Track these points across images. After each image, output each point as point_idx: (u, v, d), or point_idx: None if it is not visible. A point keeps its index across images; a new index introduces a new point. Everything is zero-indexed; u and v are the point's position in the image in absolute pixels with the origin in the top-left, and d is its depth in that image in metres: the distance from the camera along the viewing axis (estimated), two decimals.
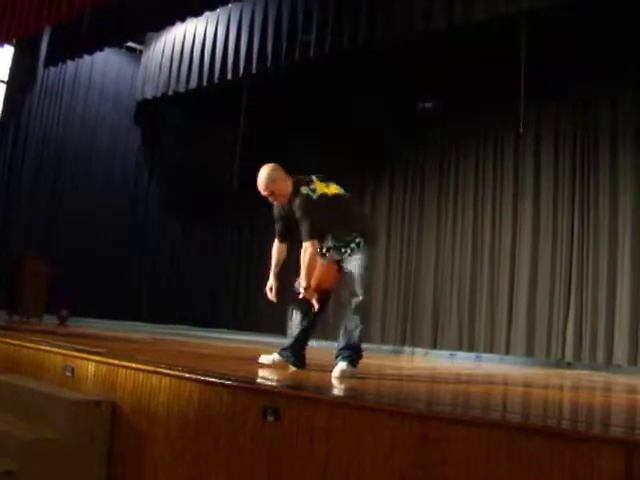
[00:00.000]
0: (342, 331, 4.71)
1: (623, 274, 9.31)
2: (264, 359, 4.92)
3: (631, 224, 9.34)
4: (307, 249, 4.70)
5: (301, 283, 4.74)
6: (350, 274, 4.76)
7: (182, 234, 14.74)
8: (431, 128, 11.73)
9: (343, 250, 4.82)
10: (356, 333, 4.63)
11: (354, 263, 4.75)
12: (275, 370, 4.64)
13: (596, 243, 9.66)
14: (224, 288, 14.45)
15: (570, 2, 8.11)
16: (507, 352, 10.24)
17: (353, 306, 4.66)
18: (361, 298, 4.66)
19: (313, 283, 4.68)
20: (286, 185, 4.75)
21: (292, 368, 4.79)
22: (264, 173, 4.71)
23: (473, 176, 11.23)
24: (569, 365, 9.53)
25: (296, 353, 4.87)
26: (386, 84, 11.37)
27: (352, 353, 4.61)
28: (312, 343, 10.66)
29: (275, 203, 4.88)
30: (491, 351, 10.41)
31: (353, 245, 4.78)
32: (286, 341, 5.03)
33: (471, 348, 10.67)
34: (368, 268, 4.79)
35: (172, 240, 14.61)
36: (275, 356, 4.88)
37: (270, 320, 13.42)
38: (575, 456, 2.44)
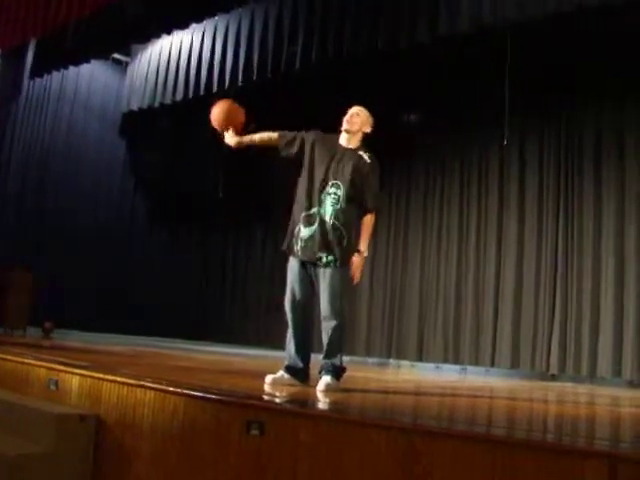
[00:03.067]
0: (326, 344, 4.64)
1: (607, 287, 9.35)
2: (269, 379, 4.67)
3: (614, 238, 9.38)
4: (374, 217, 4.68)
5: (362, 251, 4.60)
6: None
7: (168, 245, 14.72)
8: (415, 140, 11.75)
9: None
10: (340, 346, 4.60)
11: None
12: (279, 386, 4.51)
13: (580, 256, 9.69)
14: (210, 300, 14.39)
15: (554, 15, 8.17)
16: (492, 364, 10.25)
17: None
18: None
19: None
20: (365, 128, 4.90)
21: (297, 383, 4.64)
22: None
23: (458, 188, 11.25)
24: (553, 377, 9.56)
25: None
26: (371, 96, 11.38)
27: (336, 367, 4.57)
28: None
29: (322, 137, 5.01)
30: (476, 363, 10.41)
31: None
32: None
33: (456, 360, 10.67)
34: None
35: (157, 251, 14.58)
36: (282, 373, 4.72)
37: (256, 332, 13.41)
38: (559, 470, 2.45)
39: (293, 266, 4.79)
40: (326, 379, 4.48)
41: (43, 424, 4.04)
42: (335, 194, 4.58)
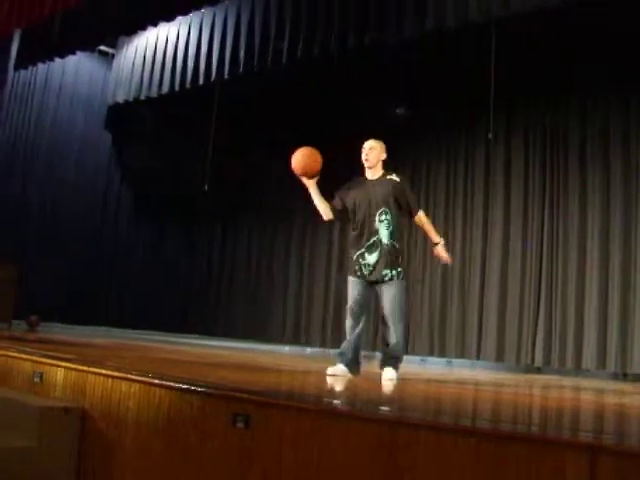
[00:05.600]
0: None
1: (592, 281, 9.40)
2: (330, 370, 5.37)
3: (599, 232, 9.44)
4: (422, 212, 5.60)
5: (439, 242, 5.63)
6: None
7: (153, 238, 14.68)
8: (401, 134, 11.74)
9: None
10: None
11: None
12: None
13: (565, 250, 9.74)
14: (196, 293, 14.38)
15: (540, 11, 8.19)
16: (478, 357, 10.29)
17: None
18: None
19: None
20: (382, 157, 5.73)
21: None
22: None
23: (444, 183, 11.27)
24: (539, 370, 9.61)
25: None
26: (357, 90, 11.41)
27: (398, 361, 5.47)
28: (284, 348, 10.66)
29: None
30: (462, 356, 10.46)
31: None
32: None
33: (442, 353, 10.72)
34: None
35: (143, 244, 14.55)
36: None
37: (242, 325, 13.41)
38: (541, 461, 2.46)
39: (357, 284, 5.50)
40: (391, 371, 5.32)
41: (27, 417, 4.03)
42: (386, 219, 5.40)
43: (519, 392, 5.81)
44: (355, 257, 5.47)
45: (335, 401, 3.49)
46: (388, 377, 5.27)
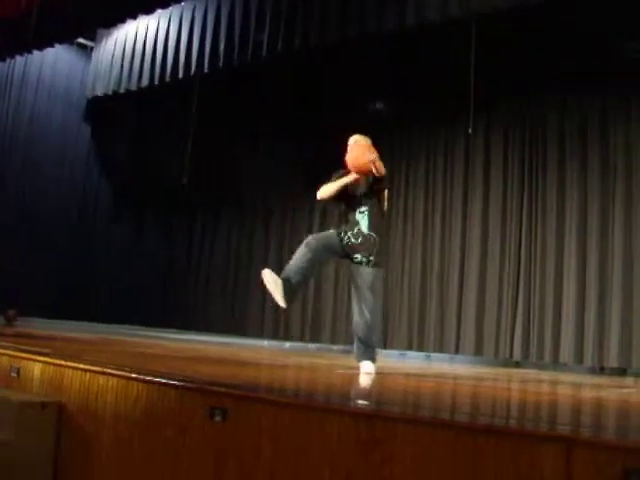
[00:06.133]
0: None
1: (569, 276, 9.48)
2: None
3: (576, 228, 9.52)
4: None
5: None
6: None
7: (133, 232, 14.62)
8: (380, 129, 11.72)
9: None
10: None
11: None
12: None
13: (543, 246, 9.81)
14: (175, 287, 14.35)
15: (520, 7, 8.23)
16: (456, 351, 10.35)
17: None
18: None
19: None
20: None
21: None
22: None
23: (423, 178, 11.31)
24: (517, 364, 9.67)
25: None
26: (337, 84, 11.41)
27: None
28: (263, 343, 10.60)
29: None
30: (441, 350, 10.51)
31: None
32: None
33: (421, 348, 10.76)
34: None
35: (123, 238, 14.49)
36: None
37: (222, 320, 13.40)
38: (518, 453, 2.47)
39: (333, 238, 5.52)
40: (368, 364, 5.30)
41: (3, 412, 4.00)
42: (366, 210, 5.44)
43: (497, 386, 5.84)
44: (342, 233, 5.49)
45: (313, 395, 3.49)
46: (366, 370, 5.27)
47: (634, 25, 8.39)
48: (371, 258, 5.34)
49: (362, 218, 5.43)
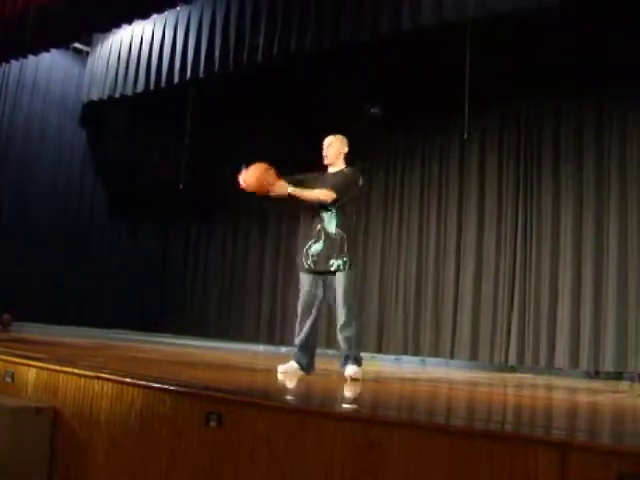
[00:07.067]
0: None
1: (564, 281, 9.49)
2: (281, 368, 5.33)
3: (572, 232, 9.52)
4: (329, 195, 5.31)
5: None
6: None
7: (128, 236, 14.60)
8: (376, 133, 11.76)
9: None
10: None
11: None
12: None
13: (538, 250, 9.82)
14: (170, 293, 14.32)
15: (515, 12, 8.23)
16: (452, 356, 10.34)
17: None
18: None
19: None
20: (342, 150, 5.67)
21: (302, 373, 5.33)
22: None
23: (418, 183, 11.32)
24: (512, 369, 9.67)
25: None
26: (333, 88, 11.40)
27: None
28: (259, 347, 10.64)
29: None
30: (436, 355, 10.50)
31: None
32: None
33: (416, 352, 10.75)
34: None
35: (118, 243, 14.45)
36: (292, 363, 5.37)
37: (217, 325, 13.39)
38: (514, 458, 2.48)
39: (306, 280, 5.60)
40: (353, 367, 5.24)
41: None
42: (331, 208, 5.36)
43: (493, 391, 5.84)
44: (305, 250, 5.46)
45: (308, 400, 3.48)
46: (351, 374, 5.20)
47: (633, 25, 8.38)
48: (345, 259, 5.28)
49: (330, 216, 5.38)
